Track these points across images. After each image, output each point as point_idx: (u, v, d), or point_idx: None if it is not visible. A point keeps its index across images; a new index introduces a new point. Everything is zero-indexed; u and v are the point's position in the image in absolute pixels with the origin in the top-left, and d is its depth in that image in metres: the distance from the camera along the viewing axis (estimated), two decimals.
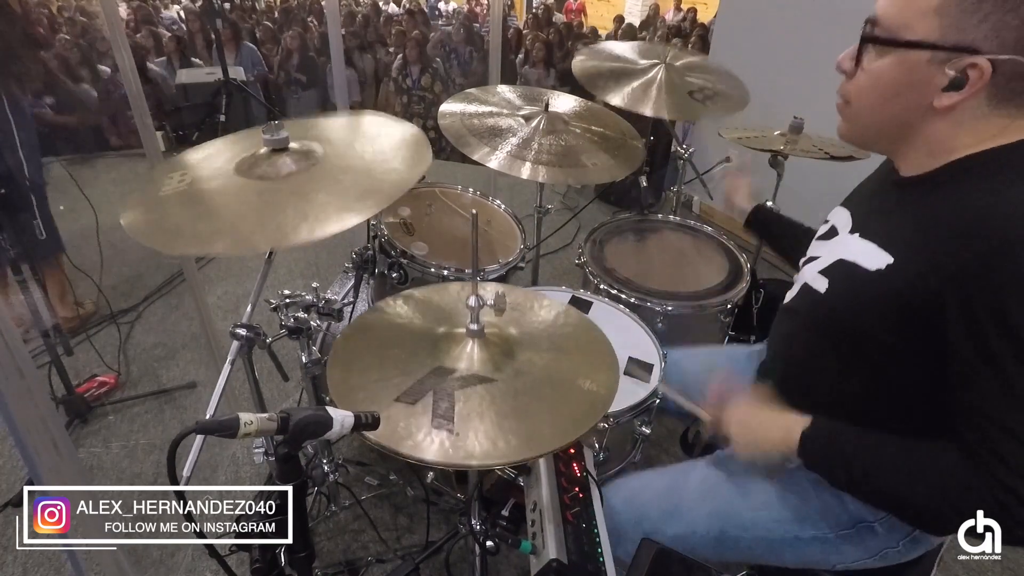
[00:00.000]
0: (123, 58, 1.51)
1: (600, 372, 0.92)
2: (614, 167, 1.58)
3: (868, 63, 0.79)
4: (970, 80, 0.71)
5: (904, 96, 0.77)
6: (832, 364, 0.89)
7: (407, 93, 4.87)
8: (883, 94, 0.79)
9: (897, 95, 0.78)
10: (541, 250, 2.11)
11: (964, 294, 0.70)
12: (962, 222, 0.72)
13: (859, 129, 0.87)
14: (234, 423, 0.61)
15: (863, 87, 0.81)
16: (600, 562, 0.89)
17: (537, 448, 0.79)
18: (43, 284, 2.13)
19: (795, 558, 0.99)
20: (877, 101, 0.80)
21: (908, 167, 0.84)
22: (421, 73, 4.77)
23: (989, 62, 0.68)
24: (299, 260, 3.08)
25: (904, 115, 0.79)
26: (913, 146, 0.81)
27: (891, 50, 0.76)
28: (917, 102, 0.76)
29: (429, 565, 1.48)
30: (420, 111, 4.89)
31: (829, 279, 0.88)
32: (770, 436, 0.91)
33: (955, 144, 0.77)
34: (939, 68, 0.72)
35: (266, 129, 1.04)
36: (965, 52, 0.70)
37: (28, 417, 0.90)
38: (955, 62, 0.71)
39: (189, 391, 2.19)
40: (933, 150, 0.79)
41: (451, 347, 0.92)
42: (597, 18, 11.56)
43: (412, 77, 4.82)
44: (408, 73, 4.84)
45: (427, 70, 4.79)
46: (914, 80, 0.75)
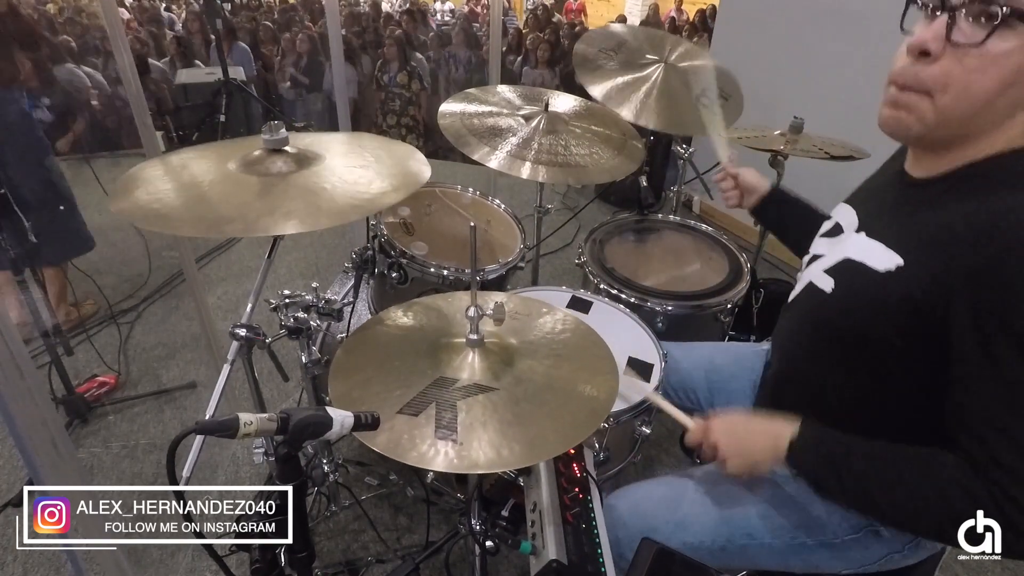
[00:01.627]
0: (123, 58, 1.51)
1: (599, 376, 0.92)
2: (614, 167, 1.58)
3: (992, 44, 0.68)
4: None
5: (1018, 85, 0.69)
6: (836, 363, 0.88)
7: (384, 90, 4.92)
8: (1002, 79, 0.69)
9: (1013, 83, 0.69)
10: (541, 250, 2.11)
11: (972, 297, 0.69)
12: (976, 227, 0.70)
13: (943, 123, 0.75)
14: (234, 423, 0.61)
15: (972, 70, 0.70)
16: (600, 562, 0.89)
17: (540, 454, 0.80)
18: (43, 284, 2.13)
19: (802, 565, 0.98)
20: (991, 87, 0.70)
21: (924, 168, 0.82)
22: (399, 71, 4.81)
23: None
24: (299, 260, 3.08)
25: (1005, 108, 0.71)
26: (961, 146, 0.76)
27: (1019, 31, 0.67)
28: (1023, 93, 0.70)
29: (429, 565, 1.48)
30: (395, 108, 4.93)
31: (835, 279, 0.87)
32: (758, 443, 0.89)
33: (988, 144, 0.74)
34: None
35: (266, 129, 1.04)
36: None
37: (28, 417, 0.90)
38: None
39: (189, 391, 2.19)
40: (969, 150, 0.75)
41: (451, 357, 0.93)
42: (597, 18, 11.57)
43: (390, 74, 4.86)
44: (386, 70, 4.88)
45: (405, 68, 4.83)
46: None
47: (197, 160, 1.09)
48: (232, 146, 1.13)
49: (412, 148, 1.22)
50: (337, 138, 1.25)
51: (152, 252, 2.73)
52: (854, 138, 1.78)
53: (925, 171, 0.82)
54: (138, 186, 0.99)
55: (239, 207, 0.94)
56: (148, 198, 0.96)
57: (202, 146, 1.16)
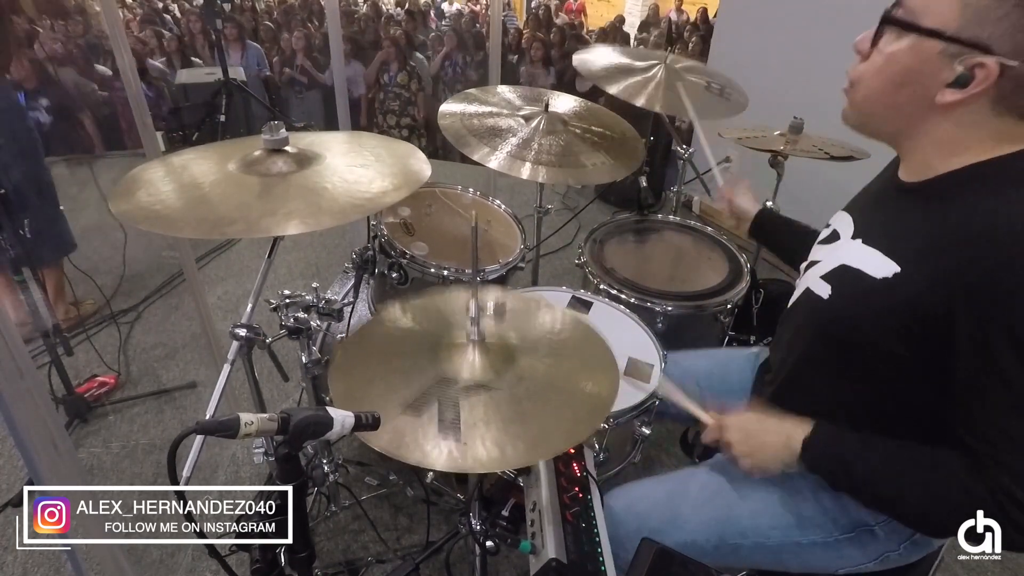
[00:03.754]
0: (123, 58, 1.51)
1: (599, 373, 0.93)
2: (614, 167, 1.58)
3: (884, 45, 0.77)
4: (975, 79, 0.69)
5: (910, 86, 0.76)
6: (834, 370, 0.89)
7: (384, 90, 4.93)
8: (891, 79, 0.77)
9: (904, 83, 0.76)
10: (541, 250, 2.11)
11: (975, 309, 0.69)
12: (969, 236, 0.71)
13: (861, 113, 0.84)
14: (234, 423, 0.61)
15: (873, 69, 0.79)
16: (600, 562, 0.89)
17: (544, 452, 0.81)
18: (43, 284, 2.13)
19: (796, 563, 0.98)
20: (883, 85, 0.79)
21: (911, 171, 0.83)
22: (399, 71, 4.82)
23: (998, 64, 0.67)
24: (299, 260, 3.08)
25: (906, 106, 0.78)
26: (917, 143, 0.80)
27: (908, 34, 0.74)
28: (921, 94, 0.75)
29: (429, 565, 1.48)
30: (395, 108, 4.95)
31: (832, 285, 0.88)
32: (771, 442, 0.91)
33: (956, 149, 0.76)
34: (948, 62, 0.71)
35: (266, 129, 1.04)
36: (977, 49, 0.68)
37: (28, 417, 0.90)
38: (965, 58, 0.69)
39: (189, 391, 2.19)
40: (935, 152, 0.78)
41: (452, 356, 0.93)
42: (597, 18, 11.55)
43: (390, 74, 4.88)
44: (386, 70, 4.89)
45: (404, 68, 4.84)
46: (923, 70, 0.74)
47: (197, 161, 1.09)
48: (232, 146, 1.13)
49: (412, 147, 1.21)
50: (337, 137, 1.25)
51: (152, 252, 2.73)
52: (854, 138, 1.75)
53: (912, 176, 0.83)
54: (139, 188, 0.99)
55: (240, 208, 0.94)
56: (149, 199, 0.96)
57: (202, 147, 1.16)
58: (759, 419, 0.95)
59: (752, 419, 0.96)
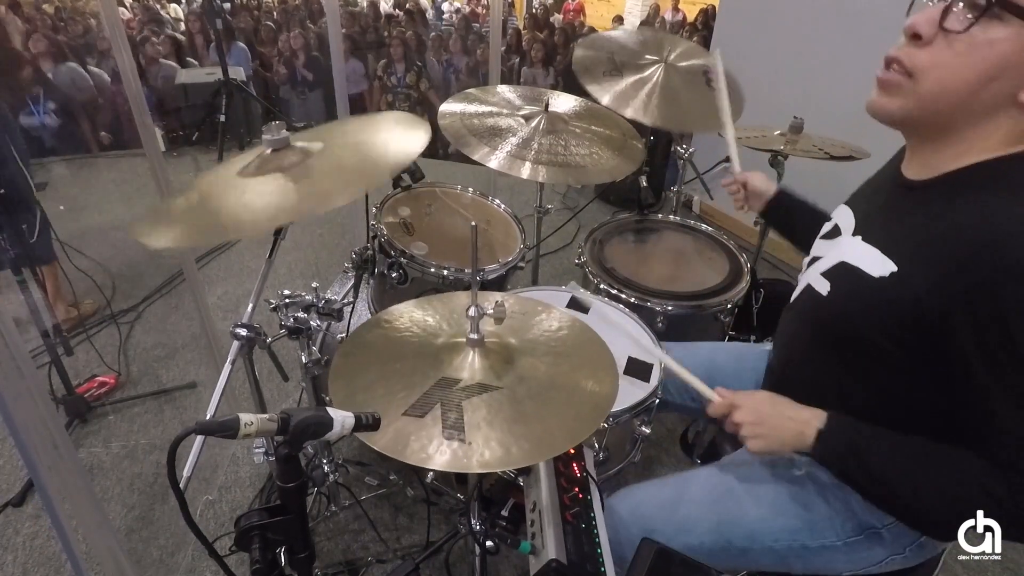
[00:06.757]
0: (123, 58, 1.51)
1: (599, 371, 0.93)
2: (614, 167, 1.58)
3: (979, 31, 0.67)
4: None
5: (1001, 80, 0.68)
6: (834, 367, 0.89)
7: (392, 91, 4.95)
8: (984, 71, 0.68)
9: (996, 76, 0.68)
10: (541, 250, 2.11)
11: (974, 314, 0.69)
12: (968, 239, 0.70)
13: (924, 107, 0.74)
14: (234, 424, 0.61)
15: (953, 57, 0.69)
16: (600, 562, 0.89)
17: (548, 451, 0.80)
18: (43, 284, 2.13)
19: (802, 566, 0.97)
20: (970, 76, 0.69)
21: (918, 167, 0.82)
22: (406, 71, 4.83)
23: None
24: (299, 260, 3.08)
25: (988, 101, 0.70)
26: (950, 143, 0.76)
27: (1013, 21, 0.66)
28: (1007, 90, 0.69)
29: (429, 565, 1.48)
30: (404, 108, 4.98)
31: (831, 282, 0.87)
32: (785, 427, 0.88)
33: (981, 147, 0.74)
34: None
35: (266, 130, 1.04)
36: None
37: (28, 417, 0.90)
38: None
39: (189, 391, 2.19)
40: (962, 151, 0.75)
41: (452, 357, 0.93)
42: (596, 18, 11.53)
43: (397, 75, 4.90)
44: (393, 71, 4.89)
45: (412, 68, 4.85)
46: (1022, 62, 0.66)
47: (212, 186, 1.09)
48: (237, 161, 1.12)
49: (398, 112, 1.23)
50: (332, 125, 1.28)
51: (152, 252, 2.73)
52: (854, 138, 1.78)
53: (917, 173, 0.82)
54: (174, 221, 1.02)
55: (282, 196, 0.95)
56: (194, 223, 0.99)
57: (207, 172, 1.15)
58: (773, 402, 0.92)
59: (766, 401, 0.93)
